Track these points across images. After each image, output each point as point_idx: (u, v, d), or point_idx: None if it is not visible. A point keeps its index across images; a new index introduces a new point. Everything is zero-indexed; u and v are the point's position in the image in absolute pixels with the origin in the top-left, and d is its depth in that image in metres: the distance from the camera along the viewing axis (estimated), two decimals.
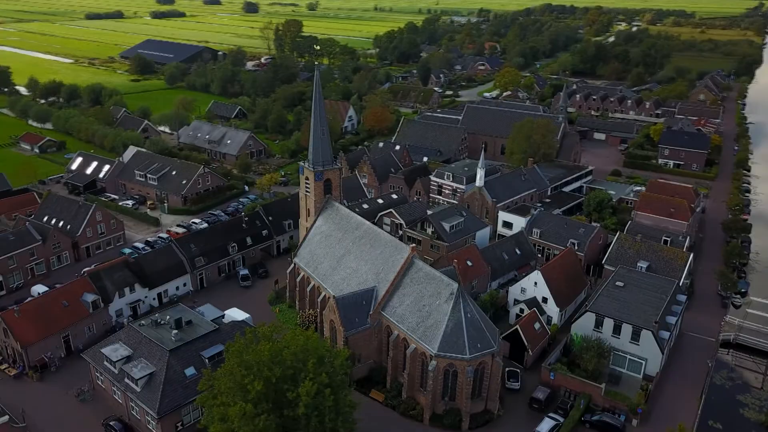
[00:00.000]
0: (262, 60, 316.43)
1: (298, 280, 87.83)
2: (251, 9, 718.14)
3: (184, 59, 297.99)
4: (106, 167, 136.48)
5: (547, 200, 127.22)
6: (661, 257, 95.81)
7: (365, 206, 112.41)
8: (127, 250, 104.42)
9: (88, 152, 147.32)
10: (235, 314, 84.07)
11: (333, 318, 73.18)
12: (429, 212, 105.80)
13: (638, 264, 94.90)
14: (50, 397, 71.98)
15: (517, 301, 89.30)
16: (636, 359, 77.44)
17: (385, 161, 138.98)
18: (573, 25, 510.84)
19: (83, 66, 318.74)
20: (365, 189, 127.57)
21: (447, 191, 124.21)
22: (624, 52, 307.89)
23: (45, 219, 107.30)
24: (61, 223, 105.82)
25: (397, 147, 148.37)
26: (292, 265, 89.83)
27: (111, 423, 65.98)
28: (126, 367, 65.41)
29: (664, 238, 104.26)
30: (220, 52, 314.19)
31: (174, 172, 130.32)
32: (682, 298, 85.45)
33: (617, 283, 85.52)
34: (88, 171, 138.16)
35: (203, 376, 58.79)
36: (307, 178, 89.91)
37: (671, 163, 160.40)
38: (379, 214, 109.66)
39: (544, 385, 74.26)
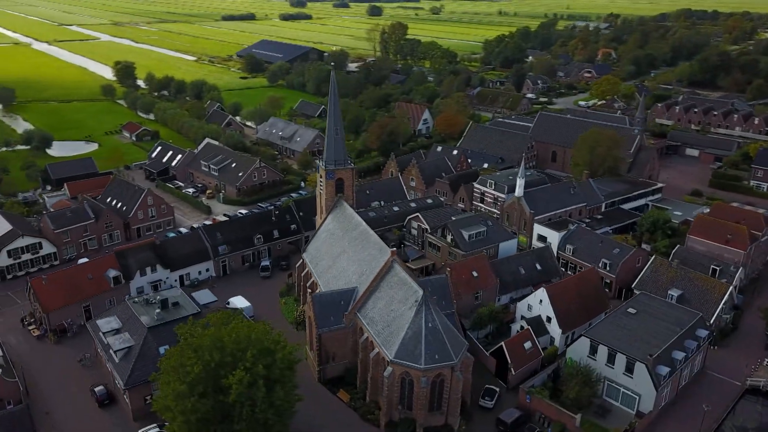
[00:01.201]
0: (368, 61, 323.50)
1: (302, 274, 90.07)
2: (375, 12, 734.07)
3: (290, 59, 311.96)
4: (179, 156, 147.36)
5: (599, 216, 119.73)
6: (697, 287, 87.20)
7: (395, 208, 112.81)
8: (171, 234, 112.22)
9: (168, 142, 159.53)
10: (238, 302, 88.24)
11: (310, 314, 74.51)
12: (453, 218, 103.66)
13: (669, 292, 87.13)
14: (60, 358, 79.76)
15: (523, 317, 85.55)
16: (630, 393, 71.43)
17: (437, 166, 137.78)
18: (709, 32, 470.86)
19: (203, 63, 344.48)
20: (406, 191, 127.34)
21: (489, 199, 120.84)
22: (752, 62, 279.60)
23: (108, 200, 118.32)
24: (119, 205, 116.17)
25: (455, 152, 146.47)
26: (301, 260, 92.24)
27: (96, 389, 71.87)
28: (111, 339, 71.10)
29: (712, 266, 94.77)
30: (325, 53, 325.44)
31: (233, 165, 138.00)
32: (703, 333, 77.20)
33: (629, 309, 79.27)
34: (164, 159, 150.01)
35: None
36: (320, 177, 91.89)
37: (765, 186, 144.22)
38: (408, 218, 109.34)
39: (519, 407, 70.64)
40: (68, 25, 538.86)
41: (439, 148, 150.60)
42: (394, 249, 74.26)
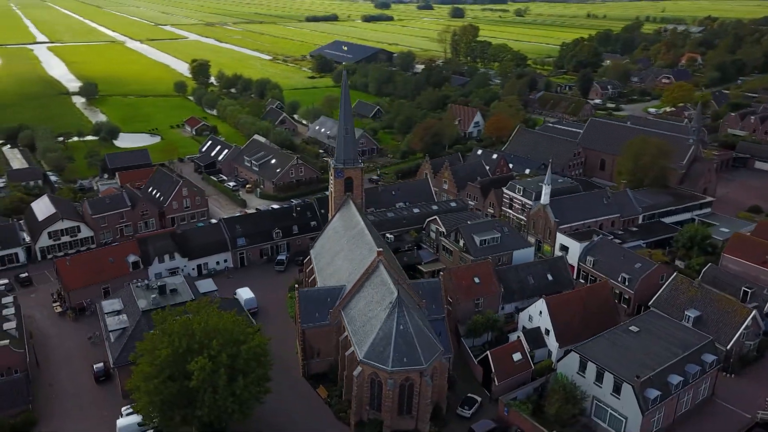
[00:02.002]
0: (429, 62, 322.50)
1: (307, 270, 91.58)
2: (457, 14, 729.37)
3: (359, 59, 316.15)
4: (225, 151, 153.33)
5: (634, 228, 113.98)
6: (717, 309, 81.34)
7: (416, 210, 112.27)
8: (200, 224, 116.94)
9: (219, 137, 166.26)
10: (244, 293, 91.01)
11: (297, 310, 75.75)
12: (469, 223, 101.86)
13: (686, 312, 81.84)
14: (74, 335, 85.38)
15: (524, 328, 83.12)
16: (617, 415, 67.72)
17: (472, 169, 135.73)
18: None
19: (277, 63, 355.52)
20: (436, 193, 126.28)
21: (517, 205, 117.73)
22: None
23: (149, 189, 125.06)
24: (158, 195, 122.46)
25: (494, 156, 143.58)
26: (309, 256, 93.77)
27: (95, 366, 76.40)
28: (109, 319, 75.42)
29: (744, 288, 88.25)
30: (395, 54, 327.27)
31: (273, 161, 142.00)
32: (710, 358, 71.90)
33: (631, 327, 75.22)
34: (212, 153, 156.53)
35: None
36: (331, 175, 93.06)
37: None
38: (427, 220, 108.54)
39: (497, 419, 68.70)
40: (163, 25, 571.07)
41: (479, 152, 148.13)
42: (381, 250, 74.06)
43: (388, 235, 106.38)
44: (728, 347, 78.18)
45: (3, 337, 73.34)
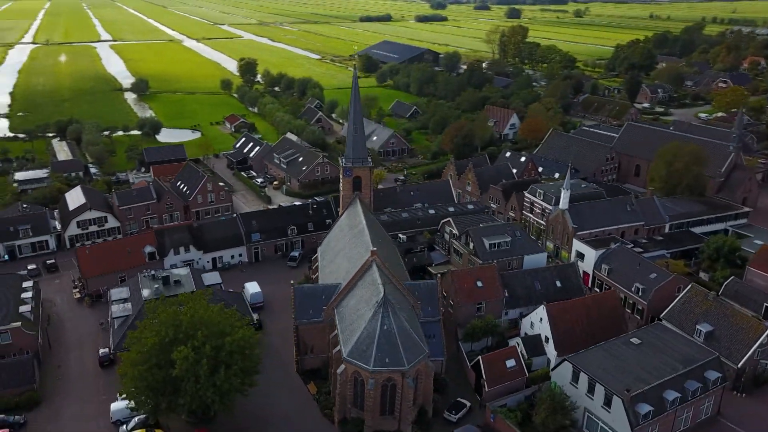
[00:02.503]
0: (481, 63, 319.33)
1: (314, 267, 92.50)
2: (514, 15, 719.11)
3: (405, 60, 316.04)
4: (257, 148, 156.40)
5: (659, 237, 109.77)
6: (731, 324, 77.50)
7: (431, 211, 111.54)
8: (222, 218, 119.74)
9: (252, 134, 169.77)
10: (251, 288, 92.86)
11: (292, 305, 76.64)
12: (481, 226, 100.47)
13: (698, 326, 78.42)
14: (87, 320, 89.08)
15: (526, 334, 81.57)
16: (607, 429, 65.55)
17: (498, 172, 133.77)
18: None
19: (324, 62, 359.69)
20: (457, 195, 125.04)
21: (537, 210, 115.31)
22: None
23: (178, 183, 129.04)
24: (185, 188, 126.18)
25: (522, 158, 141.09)
26: (317, 253, 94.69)
27: (101, 351, 79.50)
28: (114, 307, 78.45)
29: (766, 305, 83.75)
30: (441, 54, 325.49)
31: (300, 159, 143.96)
32: (714, 375, 68.59)
33: (633, 339, 72.64)
34: (245, 150, 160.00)
35: None
36: (341, 174, 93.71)
37: None
38: (442, 222, 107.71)
39: (483, 426, 67.64)
40: (221, 24, 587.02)
41: (508, 154, 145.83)
42: (375, 249, 74.03)
43: (400, 235, 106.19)
44: (739, 365, 74.39)
45: (17, 320, 77.29)
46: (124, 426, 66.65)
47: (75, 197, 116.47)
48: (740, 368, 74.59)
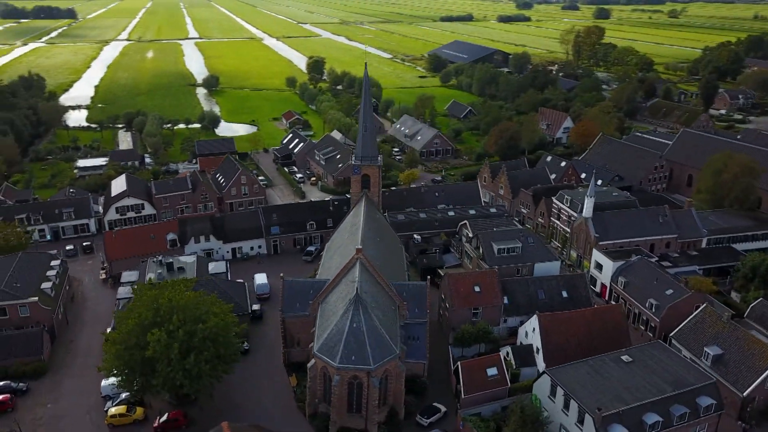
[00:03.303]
0: (554, 66, 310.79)
1: (319, 263, 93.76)
2: (603, 15, 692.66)
3: (473, 60, 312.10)
4: (301, 145, 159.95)
5: (693, 252, 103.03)
6: (742, 350, 71.98)
7: (450, 213, 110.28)
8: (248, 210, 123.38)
9: (298, 131, 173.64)
10: (259, 279, 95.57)
11: (281, 298, 78.18)
12: (495, 230, 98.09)
13: (706, 348, 73.37)
14: (107, 300, 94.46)
15: (514, 344, 79.31)
16: None
17: (533, 176, 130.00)
18: None
19: (395, 61, 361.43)
20: (488, 198, 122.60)
21: (564, 217, 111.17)
22: None
23: (217, 176, 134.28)
24: (222, 180, 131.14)
25: (563, 163, 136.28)
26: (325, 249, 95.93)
27: (108, 329, 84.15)
28: (120, 289, 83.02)
29: None
30: (511, 55, 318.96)
31: (338, 156, 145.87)
32: (706, 402, 63.83)
33: (624, 356, 68.80)
34: (291, 146, 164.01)
35: None
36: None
37: None
38: (459, 224, 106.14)
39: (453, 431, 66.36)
40: (303, 23, 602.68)
41: (549, 158, 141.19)
42: (360, 247, 74.15)
43: (415, 236, 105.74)
44: (745, 394, 68.82)
45: (37, 295, 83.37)
46: (110, 402, 70.41)
47: (118, 184, 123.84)
48: (746, 397, 69.00)
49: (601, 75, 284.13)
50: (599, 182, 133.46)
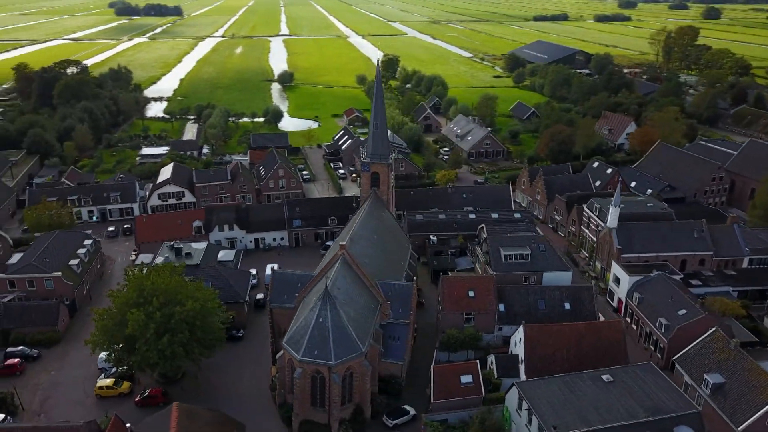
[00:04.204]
0: (638, 69, 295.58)
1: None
2: (712, 15, 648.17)
3: (553, 60, 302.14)
4: (349, 142, 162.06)
5: (731, 272, 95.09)
6: (746, 380, 65.80)
7: (471, 216, 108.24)
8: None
9: (349, 128, 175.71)
10: (270, 269, 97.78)
11: (270, 289, 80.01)
12: (508, 235, 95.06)
13: (706, 376, 67.71)
14: None
15: (507, 353, 76.84)
16: None
17: (572, 182, 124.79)
18: None
19: (474, 61, 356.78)
20: (530, 203, 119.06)
21: (592, 226, 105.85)
22: None
23: (259, 167, 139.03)
24: (263, 173, 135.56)
25: (609, 170, 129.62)
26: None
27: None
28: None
29: None
30: (593, 56, 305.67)
31: None
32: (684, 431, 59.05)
33: (604, 376, 64.98)
34: (340, 142, 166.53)
35: None
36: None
37: None
38: (479, 227, 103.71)
39: None
40: (392, 22, 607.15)
41: (596, 164, 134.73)
42: (344, 244, 74.51)
43: (431, 236, 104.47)
44: (740, 428, 62.85)
45: (63, 270, 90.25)
46: (103, 374, 75.14)
47: (165, 172, 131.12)
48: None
49: (690, 79, 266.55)
50: (649, 191, 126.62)
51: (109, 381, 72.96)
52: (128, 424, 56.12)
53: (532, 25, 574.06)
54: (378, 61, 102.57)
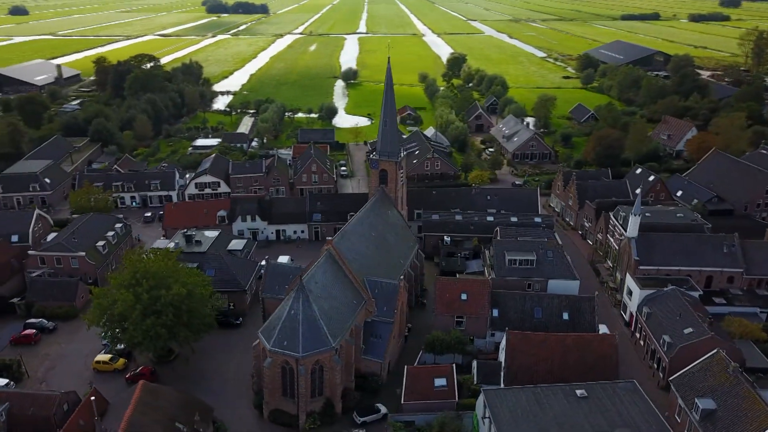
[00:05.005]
0: (720, 71, 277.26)
1: None
2: None
3: (629, 61, 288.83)
4: None
5: (763, 292, 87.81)
6: (739, 408, 60.88)
7: (489, 218, 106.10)
8: None
9: (402, 127, 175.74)
10: (281, 260, 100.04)
11: (263, 279, 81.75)
12: (517, 239, 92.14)
13: (697, 400, 63.15)
14: None
15: (479, 359, 75.24)
16: None
17: (607, 188, 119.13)
18: None
19: (547, 61, 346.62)
20: (563, 209, 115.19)
21: (617, 234, 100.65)
22: None
23: (297, 161, 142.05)
24: (300, 167, 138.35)
25: (651, 177, 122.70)
26: None
27: None
28: None
29: None
30: (673, 56, 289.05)
31: (416, 152, 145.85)
32: None
33: (578, 391, 62.14)
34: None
35: None
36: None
37: None
38: (495, 229, 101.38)
39: None
40: (472, 20, 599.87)
41: (638, 171, 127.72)
42: (330, 239, 74.93)
43: (445, 237, 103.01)
44: None
45: (88, 251, 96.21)
46: (104, 350, 79.58)
47: (206, 163, 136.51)
48: None
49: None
50: (694, 202, 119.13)
51: (106, 357, 77.20)
52: (93, 398, 59.11)
53: (618, 25, 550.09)
54: (389, 59, 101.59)
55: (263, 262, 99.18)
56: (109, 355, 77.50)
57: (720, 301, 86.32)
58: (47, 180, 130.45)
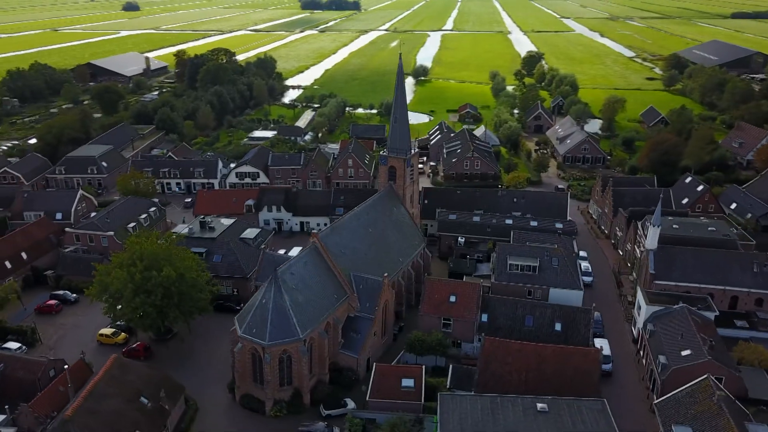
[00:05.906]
0: None
1: None
2: None
3: (724, 63, 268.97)
4: (438, 137, 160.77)
5: None
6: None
7: (507, 221, 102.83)
8: None
9: (445, 123, 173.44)
10: (296, 250, 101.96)
11: (258, 267, 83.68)
12: (527, 244, 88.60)
13: (674, 428, 58.82)
14: None
15: (455, 364, 73.48)
16: None
17: (647, 196, 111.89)
18: None
19: (634, 61, 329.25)
20: (601, 215, 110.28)
21: (642, 245, 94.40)
22: None
23: (335, 154, 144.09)
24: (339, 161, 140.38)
25: (700, 187, 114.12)
26: None
27: None
28: None
29: None
30: None
31: (458, 150, 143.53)
32: None
33: (540, 405, 59.63)
34: (431, 137, 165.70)
35: None
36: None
37: None
38: (512, 231, 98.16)
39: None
40: (565, 18, 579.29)
41: (689, 179, 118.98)
42: (315, 232, 75.51)
43: (459, 238, 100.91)
44: None
45: (118, 230, 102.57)
46: (109, 324, 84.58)
47: (249, 154, 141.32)
48: None
49: None
50: (748, 216, 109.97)
51: (109, 330, 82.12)
52: (66, 366, 63.17)
53: (725, 23, 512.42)
54: (400, 55, 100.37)
55: (281, 251, 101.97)
56: (112, 329, 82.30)
57: (742, 324, 79.22)
58: (104, 164, 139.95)
